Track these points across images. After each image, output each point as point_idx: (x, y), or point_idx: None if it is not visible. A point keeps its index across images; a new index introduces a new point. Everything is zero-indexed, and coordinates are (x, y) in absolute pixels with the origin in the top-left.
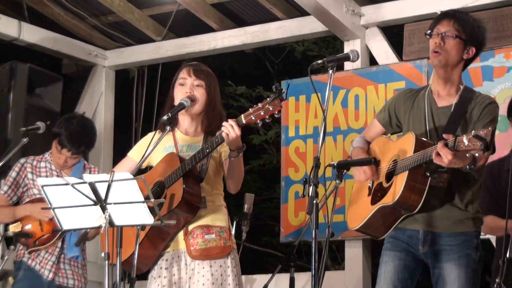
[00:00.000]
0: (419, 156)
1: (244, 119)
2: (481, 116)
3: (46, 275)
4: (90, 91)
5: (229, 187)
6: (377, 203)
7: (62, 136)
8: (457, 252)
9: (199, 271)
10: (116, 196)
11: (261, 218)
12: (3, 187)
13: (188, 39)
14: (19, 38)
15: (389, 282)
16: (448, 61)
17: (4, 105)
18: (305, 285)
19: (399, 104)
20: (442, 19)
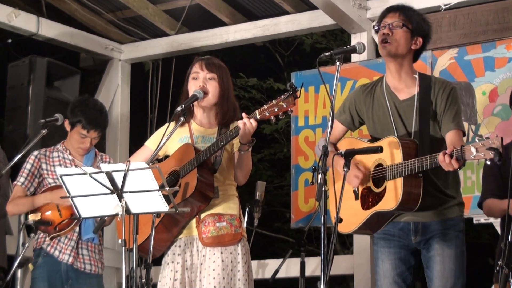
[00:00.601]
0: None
1: (259, 114)
2: (448, 107)
3: (66, 259)
4: (106, 84)
5: (237, 178)
6: (370, 208)
7: (84, 122)
8: (446, 235)
9: (210, 257)
10: (132, 185)
11: (273, 205)
12: (20, 178)
13: (200, 33)
14: (38, 33)
15: (389, 280)
16: (398, 51)
17: (24, 98)
18: (315, 269)
19: (359, 102)
20: (388, 12)
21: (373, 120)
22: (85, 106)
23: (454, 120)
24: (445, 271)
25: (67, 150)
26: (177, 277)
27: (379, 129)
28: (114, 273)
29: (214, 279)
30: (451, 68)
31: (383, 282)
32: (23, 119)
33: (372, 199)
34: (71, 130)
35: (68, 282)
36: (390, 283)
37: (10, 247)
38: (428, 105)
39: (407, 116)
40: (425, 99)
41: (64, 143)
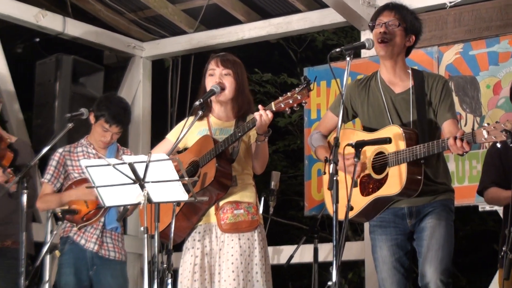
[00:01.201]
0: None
1: (274, 106)
2: (442, 98)
3: (91, 247)
4: (129, 80)
5: (255, 168)
6: (371, 194)
7: (107, 116)
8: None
9: (228, 243)
10: (153, 175)
11: (287, 194)
12: (46, 176)
13: (217, 31)
14: (63, 33)
15: (389, 266)
16: (394, 50)
17: (51, 94)
18: (328, 255)
19: (354, 96)
20: (383, 11)
21: (368, 112)
22: (110, 102)
23: (449, 110)
24: (435, 234)
25: (90, 145)
26: (197, 262)
27: (374, 121)
28: (137, 259)
29: (233, 264)
30: (457, 62)
31: (382, 268)
32: (51, 114)
33: (372, 185)
34: (94, 123)
35: (93, 268)
36: (389, 269)
37: (39, 235)
38: (423, 97)
39: (402, 108)
40: (420, 92)
41: (88, 137)
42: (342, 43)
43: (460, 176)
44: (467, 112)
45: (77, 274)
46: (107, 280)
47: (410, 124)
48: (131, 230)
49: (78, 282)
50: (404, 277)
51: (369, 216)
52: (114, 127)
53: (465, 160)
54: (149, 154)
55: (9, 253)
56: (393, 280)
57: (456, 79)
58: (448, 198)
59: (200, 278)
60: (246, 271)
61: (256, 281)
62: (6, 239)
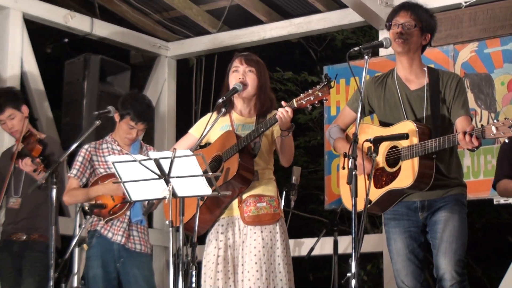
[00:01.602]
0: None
1: (296, 103)
2: (456, 96)
3: (119, 240)
4: (154, 78)
5: (282, 161)
6: (384, 186)
7: (133, 115)
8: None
9: (251, 236)
10: (178, 171)
11: (308, 188)
12: (73, 170)
13: (240, 31)
14: (91, 33)
15: (403, 257)
16: (411, 49)
17: (79, 92)
18: (347, 247)
19: (370, 92)
20: (400, 11)
21: (384, 108)
22: (135, 100)
23: (463, 107)
24: (448, 226)
25: (115, 142)
26: (220, 254)
27: (390, 116)
28: (162, 252)
29: (255, 256)
30: (472, 60)
31: (397, 260)
32: (79, 112)
33: (385, 178)
34: (120, 121)
35: (120, 261)
36: (404, 260)
37: (68, 228)
38: (437, 94)
39: (417, 104)
40: (435, 89)
41: (112, 135)
42: (361, 42)
43: (476, 171)
44: (482, 109)
45: (105, 266)
46: (134, 271)
47: (424, 120)
48: (156, 223)
49: (105, 274)
50: (419, 268)
51: (383, 208)
52: (139, 124)
53: (480, 155)
54: (173, 150)
55: (36, 246)
56: (407, 271)
57: (471, 77)
58: (460, 193)
59: (223, 270)
60: (269, 263)
61: (278, 272)
62: (33, 232)
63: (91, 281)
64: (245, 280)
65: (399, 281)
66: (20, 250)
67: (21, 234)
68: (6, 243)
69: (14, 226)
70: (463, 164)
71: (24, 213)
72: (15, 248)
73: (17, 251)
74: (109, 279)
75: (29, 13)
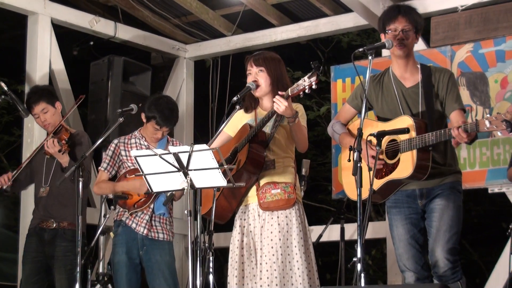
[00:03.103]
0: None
1: (290, 91)
2: (448, 90)
3: (141, 231)
4: (173, 78)
5: (297, 147)
6: (384, 177)
7: (158, 118)
8: (446, 194)
9: (268, 221)
10: (196, 164)
11: (316, 179)
12: (103, 164)
13: (253, 34)
14: (115, 36)
15: (404, 242)
16: (409, 51)
17: (104, 91)
18: (353, 234)
19: (369, 90)
20: (397, 16)
21: (382, 104)
22: (159, 105)
23: (456, 101)
24: (444, 216)
25: (143, 137)
26: (243, 239)
27: (387, 112)
28: (181, 239)
29: (272, 240)
30: (468, 60)
31: (399, 245)
32: (103, 110)
33: (385, 169)
34: (146, 123)
35: (143, 248)
36: (405, 245)
37: (93, 218)
38: (430, 89)
39: (412, 101)
40: (428, 85)
41: (141, 130)
42: (365, 43)
43: (472, 162)
44: (477, 105)
45: (129, 253)
46: (156, 258)
47: (419, 115)
48: (176, 213)
49: (129, 260)
50: (419, 252)
51: (383, 196)
52: (164, 128)
53: (476, 148)
54: (191, 144)
55: (66, 235)
56: (409, 255)
57: (467, 75)
58: (456, 180)
59: (246, 254)
60: (285, 246)
61: (295, 254)
62: (62, 220)
63: (116, 266)
64: (263, 264)
65: (401, 265)
66: (51, 237)
67: (51, 222)
68: (37, 229)
69: (44, 213)
70: (459, 156)
71: (53, 201)
72: (46, 235)
73: (49, 238)
74: (133, 265)
75: (57, 18)
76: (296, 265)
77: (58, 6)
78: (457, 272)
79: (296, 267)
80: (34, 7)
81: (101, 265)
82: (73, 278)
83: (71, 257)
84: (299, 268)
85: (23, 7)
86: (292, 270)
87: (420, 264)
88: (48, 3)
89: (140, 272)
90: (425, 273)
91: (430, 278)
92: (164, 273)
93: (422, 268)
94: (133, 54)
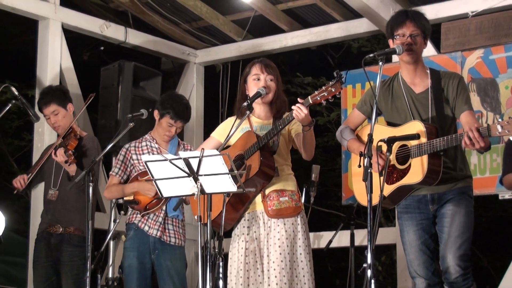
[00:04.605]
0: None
1: (311, 99)
2: (458, 93)
3: (154, 234)
4: (184, 83)
5: (304, 155)
6: (395, 183)
7: (172, 113)
8: (457, 199)
9: (275, 228)
10: (206, 169)
11: (326, 185)
12: (114, 169)
13: (263, 39)
14: (125, 41)
15: (415, 248)
16: (418, 56)
17: (114, 96)
18: (363, 239)
19: (379, 96)
20: (405, 21)
21: (391, 109)
22: (174, 101)
23: (466, 103)
24: (455, 221)
25: (153, 140)
26: (247, 247)
27: (397, 117)
28: (191, 245)
29: (280, 247)
30: (478, 66)
31: (409, 251)
32: (114, 114)
33: (396, 175)
34: (159, 120)
35: (155, 252)
36: (416, 251)
37: (103, 223)
38: (440, 94)
39: (422, 106)
40: (437, 90)
41: (151, 133)
42: (375, 49)
43: (482, 168)
44: (488, 111)
45: (140, 257)
46: (167, 263)
47: (429, 120)
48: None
49: (140, 264)
50: (430, 258)
51: (394, 201)
52: (178, 123)
53: (486, 154)
54: (202, 150)
55: (72, 240)
56: (420, 261)
57: (477, 81)
58: (467, 185)
59: (251, 261)
60: (291, 253)
61: (300, 261)
62: (69, 225)
63: (126, 270)
64: (271, 270)
65: (411, 271)
66: (57, 242)
67: (58, 227)
68: (44, 234)
69: (51, 218)
70: (470, 162)
71: (60, 206)
72: (53, 240)
73: (55, 243)
74: (144, 269)
75: (67, 23)
76: (302, 272)
77: (68, 11)
78: (468, 279)
79: (302, 274)
80: (45, 12)
81: (110, 270)
82: (80, 283)
83: (78, 262)
84: (305, 275)
85: (34, 12)
86: (297, 277)
87: (431, 270)
88: (59, 8)
89: (150, 276)
90: (435, 279)
91: (440, 284)
92: (173, 279)
93: (433, 274)
94: (143, 59)
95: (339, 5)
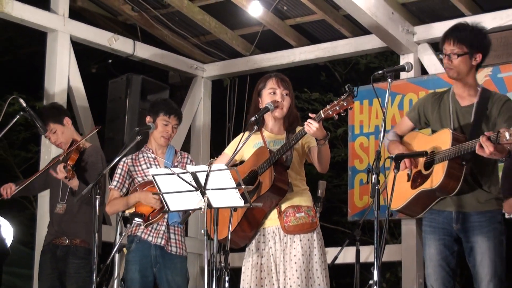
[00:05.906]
0: (459, 148)
1: (323, 113)
2: (501, 112)
3: (159, 242)
4: (191, 97)
5: (319, 169)
6: (417, 187)
7: (165, 110)
8: (485, 227)
9: (291, 244)
10: (213, 183)
11: (332, 201)
12: (113, 182)
13: (271, 54)
14: (133, 55)
15: (435, 263)
16: (459, 73)
17: (122, 109)
18: (369, 256)
19: (427, 105)
20: (445, 39)
21: (436, 119)
22: (163, 101)
23: (506, 121)
24: (485, 261)
25: (149, 150)
26: (263, 262)
27: (439, 127)
28: (197, 259)
29: (296, 263)
30: (486, 84)
31: (429, 265)
32: (121, 127)
33: (420, 180)
34: (154, 121)
35: (156, 266)
36: (435, 266)
37: (109, 236)
38: (484, 111)
39: (464, 119)
40: (482, 107)
41: (146, 145)
42: (383, 66)
43: None
44: None
45: (142, 271)
46: (167, 277)
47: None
48: (192, 232)
49: (142, 278)
50: (449, 275)
51: (417, 211)
52: (173, 118)
53: None
54: (209, 163)
55: (78, 252)
56: (437, 276)
57: None
58: (496, 209)
59: (268, 277)
60: (308, 269)
61: (316, 277)
62: (75, 237)
63: (128, 284)
64: (287, 287)
65: (428, 285)
66: (63, 254)
67: (64, 239)
68: (50, 246)
69: (57, 229)
70: None
71: (66, 218)
72: (59, 252)
73: (61, 255)
74: (146, 283)
75: (76, 35)
76: None
77: (77, 23)
78: None
79: None
80: (54, 24)
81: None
82: None
83: (83, 275)
84: None
85: (43, 24)
86: None
87: (448, 287)
88: (67, 20)
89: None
90: None
91: None
92: None
93: None
94: (151, 73)
95: (348, 21)
